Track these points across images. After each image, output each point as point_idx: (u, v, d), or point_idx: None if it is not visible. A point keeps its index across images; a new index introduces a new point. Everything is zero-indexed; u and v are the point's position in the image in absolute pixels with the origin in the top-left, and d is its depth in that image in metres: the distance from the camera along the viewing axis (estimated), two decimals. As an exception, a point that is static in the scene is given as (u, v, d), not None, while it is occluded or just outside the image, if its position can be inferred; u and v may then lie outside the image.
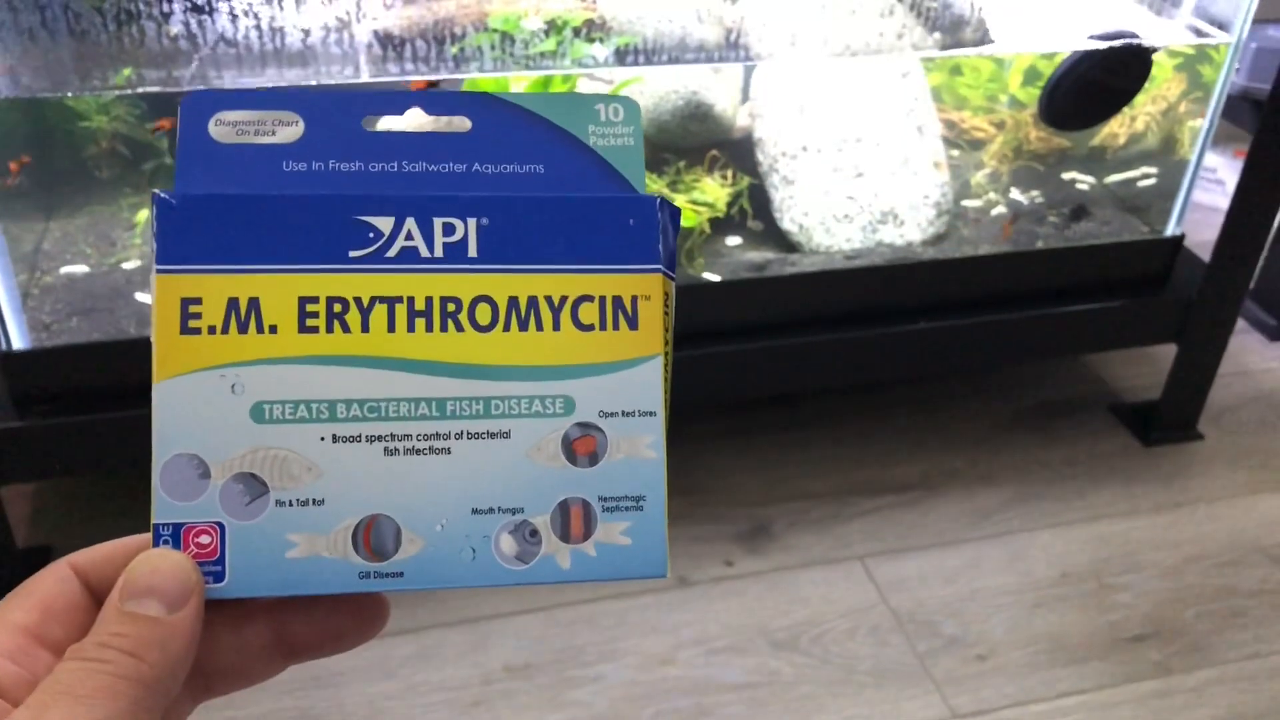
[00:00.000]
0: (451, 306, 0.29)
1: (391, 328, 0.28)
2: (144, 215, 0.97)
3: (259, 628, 0.29)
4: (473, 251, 0.29)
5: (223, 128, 0.29)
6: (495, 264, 0.29)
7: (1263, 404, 1.18)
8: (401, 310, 0.28)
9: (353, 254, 0.28)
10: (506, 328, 0.29)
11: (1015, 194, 1.10)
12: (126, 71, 0.82)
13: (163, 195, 0.28)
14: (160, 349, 0.28)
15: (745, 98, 1.05)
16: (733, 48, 0.92)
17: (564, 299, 0.29)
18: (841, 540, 0.99)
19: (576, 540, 0.28)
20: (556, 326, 0.29)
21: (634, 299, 0.29)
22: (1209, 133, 1.05)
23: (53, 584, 0.28)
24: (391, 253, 0.29)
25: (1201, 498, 1.06)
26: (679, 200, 0.99)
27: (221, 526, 0.27)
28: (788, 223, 1.02)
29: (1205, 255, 1.05)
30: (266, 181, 0.29)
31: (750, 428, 1.11)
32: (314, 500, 0.28)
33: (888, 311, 1.00)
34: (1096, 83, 1.01)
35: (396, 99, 0.31)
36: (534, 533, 0.28)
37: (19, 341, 0.85)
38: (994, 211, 1.09)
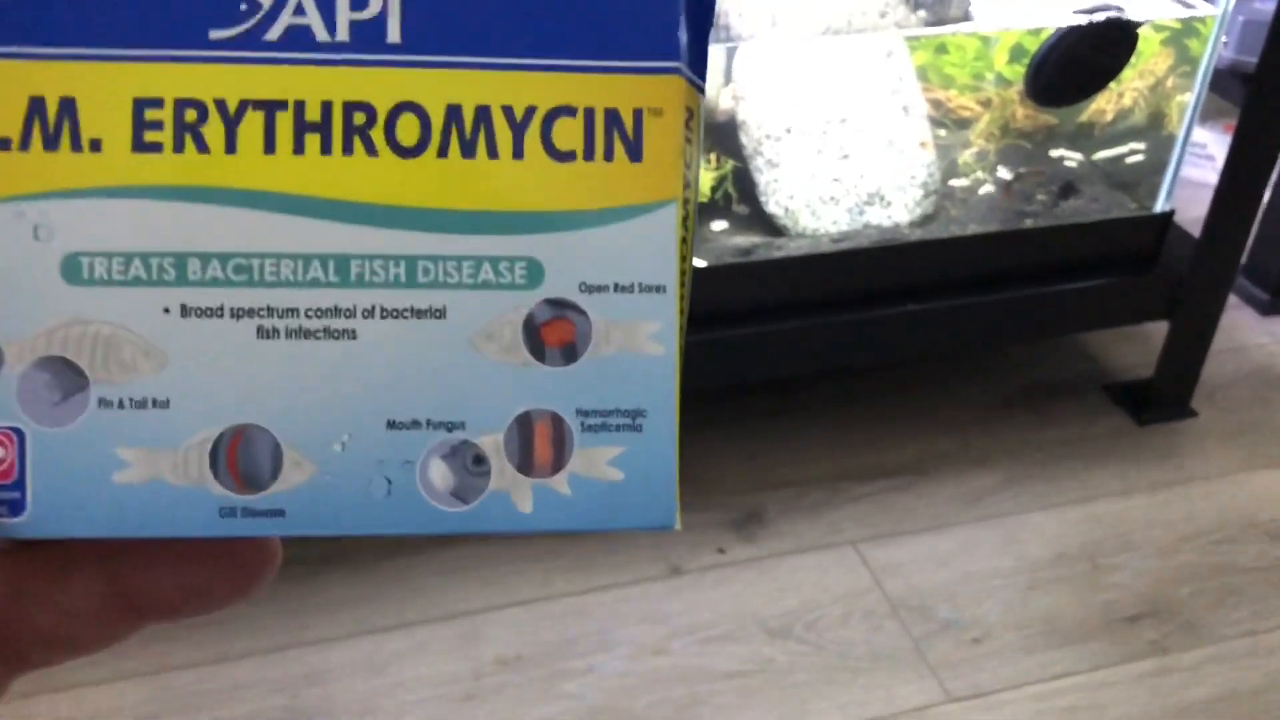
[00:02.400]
0: (361, 117, 0.20)
1: (270, 148, 0.20)
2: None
3: (86, 579, 0.21)
4: (394, 35, 0.20)
5: None
6: (428, 54, 0.20)
7: (1256, 379, 1.18)
8: (285, 121, 0.20)
9: (214, 35, 0.20)
10: (443, 152, 0.20)
11: (1003, 172, 1.09)
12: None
13: None
14: None
15: (727, 80, 1.04)
16: (713, 29, 0.91)
17: (531, 110, 0.20)
18: (834, 526, 0.98)
19: (542, 471, 0.20)
20: (518, 153, 0.20)
21: (638, 114, 0.20)
22: (1197, 107, 1.04)
23: None
24: (272, 34, 0.20)
25: (1196, 475, 1.05)
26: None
27: (19, 434, 0.20)
28: (773, 206, 1.01)
29: (1195, 231, 1.04)
30: None
31: (740, 414, 1.10)
32: (154, 400, 0.20)
33: (876, 294, 0.99)
34: (1083, 58, 1.00)
35: None
36: (479, 459, 0.20)
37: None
38: (981, 190, 1.08)
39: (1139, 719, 0.83)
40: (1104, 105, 1.09)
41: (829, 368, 1.12)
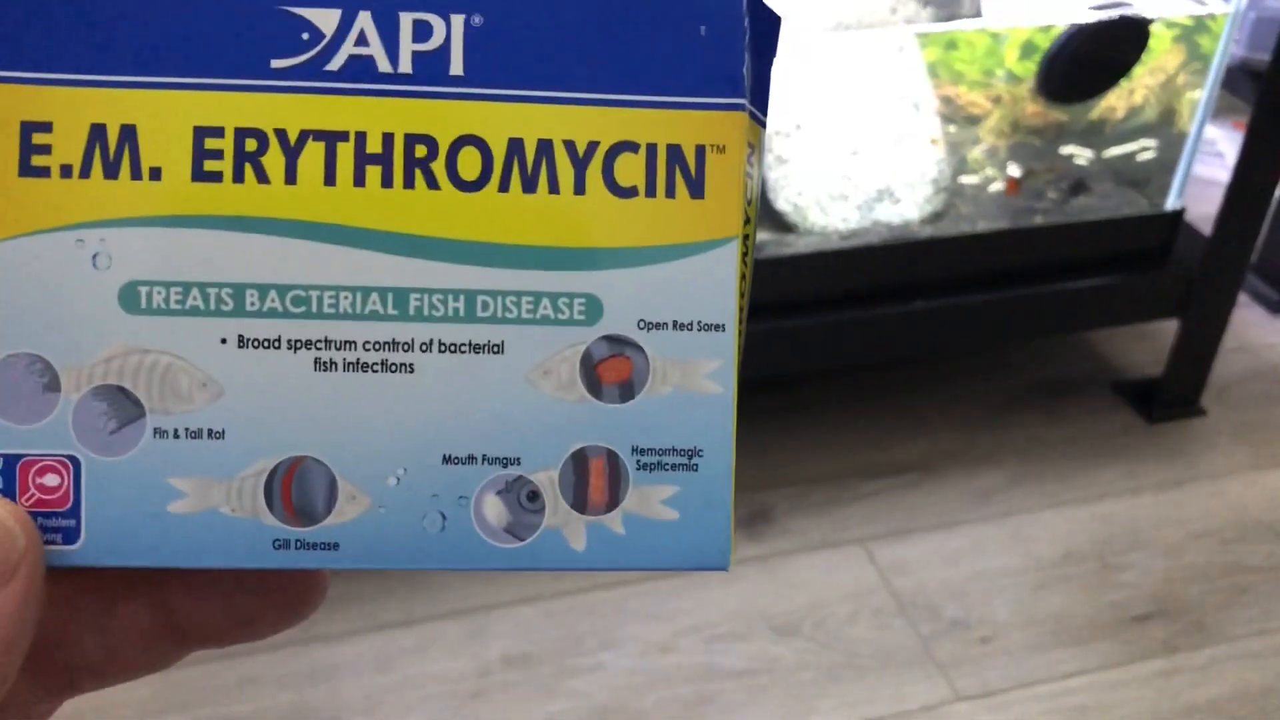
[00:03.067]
0: (422, 150, 0.20)
1: (331, 179, 0.20)
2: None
3: (137, 607, 0.21)
4: (457, 67, 0.20)
5: None
6: (491, 87, 0.20)
7: (1266, 378, 1.17)
8: (346, 152, 0.20)
9: (276, 64, 0.20)
10: (504, 187, 0.20)
11: (1011, 169, 1.09)
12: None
13: None
14: None
15: (737, 77, 1.03)
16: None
17: (593, 146, 0.20)
18: (842, 524, 0.98)
19: (596, 509, 0.20)
20: (580, 188, 0.20)
21: (700, 150, 0.20)
22: (1208, 104, 1.03)
23: None
24: (334, 65, 0.20)
25: (1205, 474, 1.05)
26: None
27: (75, 462, 0.19)
28: (782, 203, 1.01)
29: (1206, 229, 1.03)
30: None
31: (747, 411, 1.10)
32: (210, 430, 0.20)
33: (885, 291, 0.99)
34: (1094, 55, 0.99)
35: None
36: (534, 495, 0.20)
37: None
38: (991, 187, 1.07)
39: (1148, 718, 0.82)
40: (1115, 102, 1.08)
41: (837, 365, 1.11)
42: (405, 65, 0.20)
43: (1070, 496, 1.01)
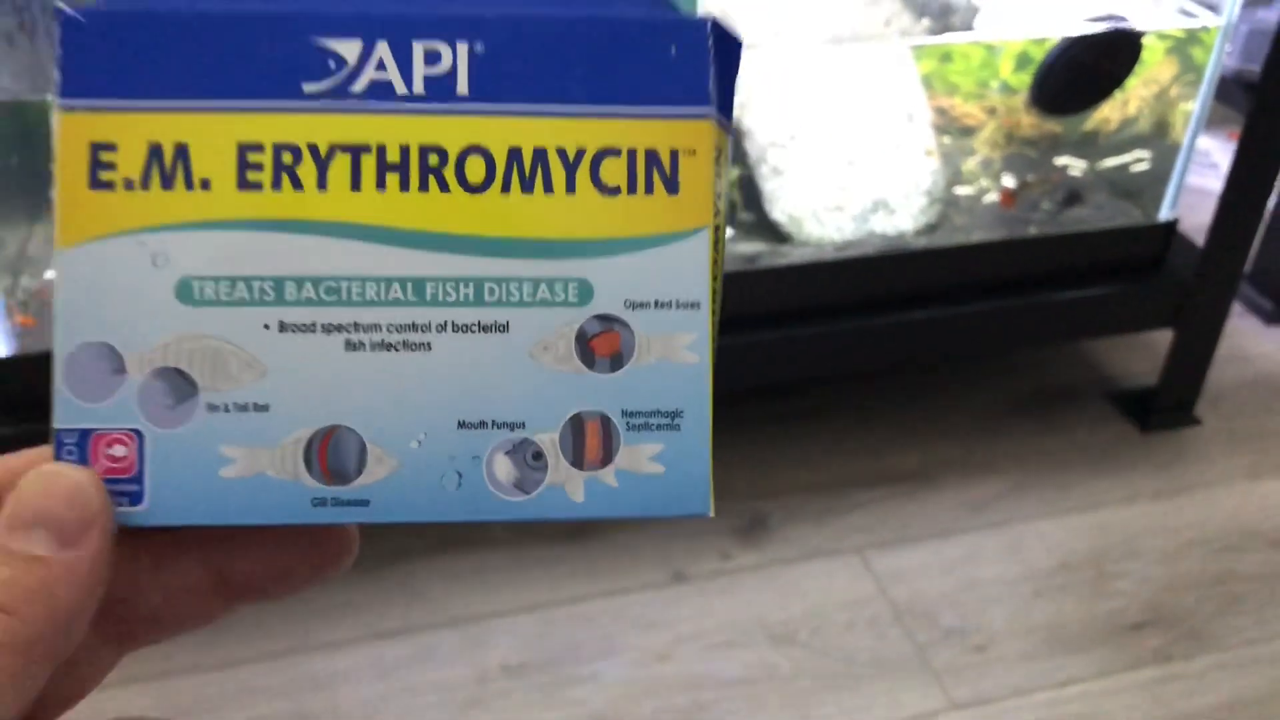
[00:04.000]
0: (434, 159, 0.23)
1: (356, 185, 0.23)
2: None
3: (191, 563, 0.24)
4: (463, 87, 0.23)
5: None
6: (492, 104, 0.23)
7: (1260, 388, 1.18)
8: (369, 162, 0.23)
9: (308, 88, 0.23)
10: (505, 188, 0.23)
11: (1008, 181, 1.09)
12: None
13: (68, 10, 0.23)
14: (65, 208, 0.22)
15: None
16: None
17: (581, 152, 0.23)
18: (839, 532, 0.98)
19: (592, 465, 0.23)
20: (571, 188, 0.23)
21: (674, 154, 0.23)
22: (1201, 115, 1.04)
23: None
24: (357, 87, 0.23)
25: (1200, 483, 1.05)
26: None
27: (140, 435, 0.22)
28: (778, 213, 1.01)
29: (1200, 239, 1.04)
30: None
31: (744, 420, 1.10)
32: (255, 405, 0.23)
33: (881, 301, 0.99)
34: (1088, 67, 1.00)
35: None
36: (538, 455, 0.23)
37: (3, 349, 0.84)
38: (986, 199, 1.08)
39: (1143, 727, 0.83)
40: (1109, 114, 1.09)
41: (833, 374, 1.12)
42: (419, 87, 0.23)
43: (1065, 505, 1.02)
